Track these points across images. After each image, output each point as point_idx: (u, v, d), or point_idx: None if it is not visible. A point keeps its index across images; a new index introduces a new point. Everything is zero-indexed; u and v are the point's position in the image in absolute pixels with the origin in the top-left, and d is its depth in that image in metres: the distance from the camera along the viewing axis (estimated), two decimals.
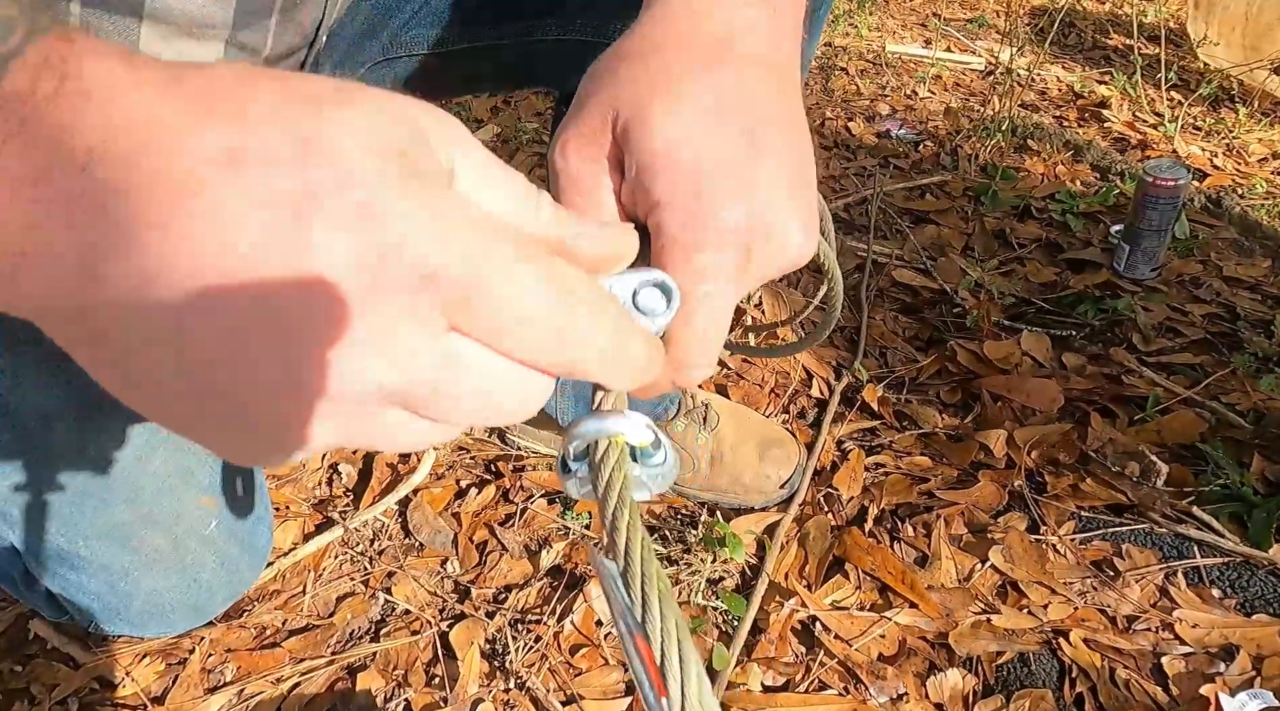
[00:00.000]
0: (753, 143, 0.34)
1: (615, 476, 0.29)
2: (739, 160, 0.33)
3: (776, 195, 0.34)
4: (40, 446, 0.59)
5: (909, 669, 0.86)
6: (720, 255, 0.33)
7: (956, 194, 1.58)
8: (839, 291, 0.48)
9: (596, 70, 0.36)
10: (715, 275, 0.33)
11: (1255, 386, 1.14)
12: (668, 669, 0.24)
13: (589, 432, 0.30)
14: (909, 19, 2.43)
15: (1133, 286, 1.33)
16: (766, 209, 0.33)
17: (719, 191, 0.33)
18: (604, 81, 0.35)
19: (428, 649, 0.89)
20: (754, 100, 0.35)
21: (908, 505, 1.02)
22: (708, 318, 0.33)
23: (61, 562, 0.65)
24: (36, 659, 0.88)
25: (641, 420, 0.30)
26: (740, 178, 0.33)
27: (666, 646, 0.24)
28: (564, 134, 0.35)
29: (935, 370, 1.20)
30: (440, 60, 0.72)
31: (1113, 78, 2.02)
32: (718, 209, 0.32)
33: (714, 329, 0.33)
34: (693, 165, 0.33)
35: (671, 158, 0.33)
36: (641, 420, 0.30)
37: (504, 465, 1.08)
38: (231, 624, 0.90)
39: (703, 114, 0.34)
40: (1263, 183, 1.60)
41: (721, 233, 0.32)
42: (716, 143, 0.33)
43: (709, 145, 0.33)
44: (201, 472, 0.68)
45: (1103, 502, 1.01)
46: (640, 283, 0.31)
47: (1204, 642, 0.87)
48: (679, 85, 0.34)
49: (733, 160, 0.33)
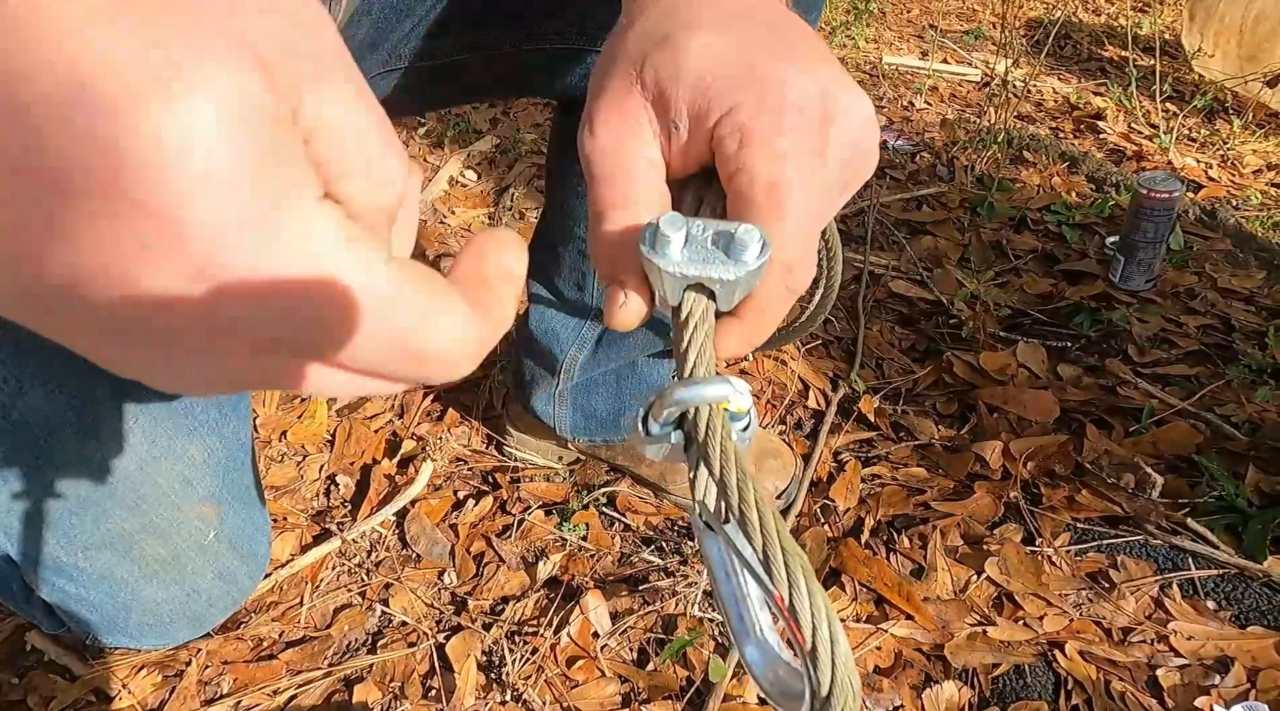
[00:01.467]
0: (784, 35, 0.34)
1: (728, 444, 0.28)
2: (781, 48, 0.33)
3: (830, 70, 0.33)
4: (43, 455, 0.59)
5: (905, 681, 0.86)
6: (799, 135, 0.32)
7: (953, 205, 1.58)
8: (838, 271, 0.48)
9: (604, 56, 0.36)
10: (800, 155, 0.32)
11: (1250, 398, 1.14)
12: (805, 621, 0.24)
13: (690, 398, 0.29)
14: (905, 31, 2.45)
15: (1128, 298, 1.34)
16: (829, 82, 0.33)
17: (778, 75, 0.32)
18: (615, 53, 0.35)
19: (425, 661, 0.89)
20: (764, 6, 0.35)
21: (904, 516, 1.02)
22: (803, 203, 0.32)
23: (60, 573, 0.65)
24: (34, 671, 0.88)
25: (744, 386, 0.30)
26: (791, 59, 0.33)
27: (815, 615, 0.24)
28: (588, 113, 0.34)
29: (931, 381, 1.21)
30: (440, 71, 0.72)
31: (1108, 89, 2.03)
32: (783, 90, 0.32)
33: (811, 214, 0.32)
34: (743, 62, 0.32)
35: (720, 64, 0.32)
36: (744, 386, 0.30)
37: (501, 476, 1.08)
38: (229, 635, 0.90)
39: (729, 22, 0.33)
40: (1257, 194, 1.61)
41: (794, 109, 0.32)
42: (753, 39, 0.33)
43: (748, 41, 0.33)
44: (202, 482, 0.68)
45: (1098, 514, 1.01)
46: (724, 232, 0.30)
47: (1199, 654, 0.87)
48: (692, 12, 0.34)
49: (776, 48, 0.33)
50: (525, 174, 1.66)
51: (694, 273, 0.30)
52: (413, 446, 1.12)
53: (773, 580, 0.25)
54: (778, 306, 0.34)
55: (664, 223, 0.30)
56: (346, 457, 1.11)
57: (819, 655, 0.24)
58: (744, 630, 0.29)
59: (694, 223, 0.30)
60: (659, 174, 0.34)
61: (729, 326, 0.34)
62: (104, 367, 0.21)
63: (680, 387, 0.29)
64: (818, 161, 0.32)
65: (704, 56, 0.33)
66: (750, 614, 0.29)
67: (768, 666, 0.29)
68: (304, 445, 1.12)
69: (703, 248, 0.31)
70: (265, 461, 1.10)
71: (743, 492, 0.27)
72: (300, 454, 1.11)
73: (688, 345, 0.31)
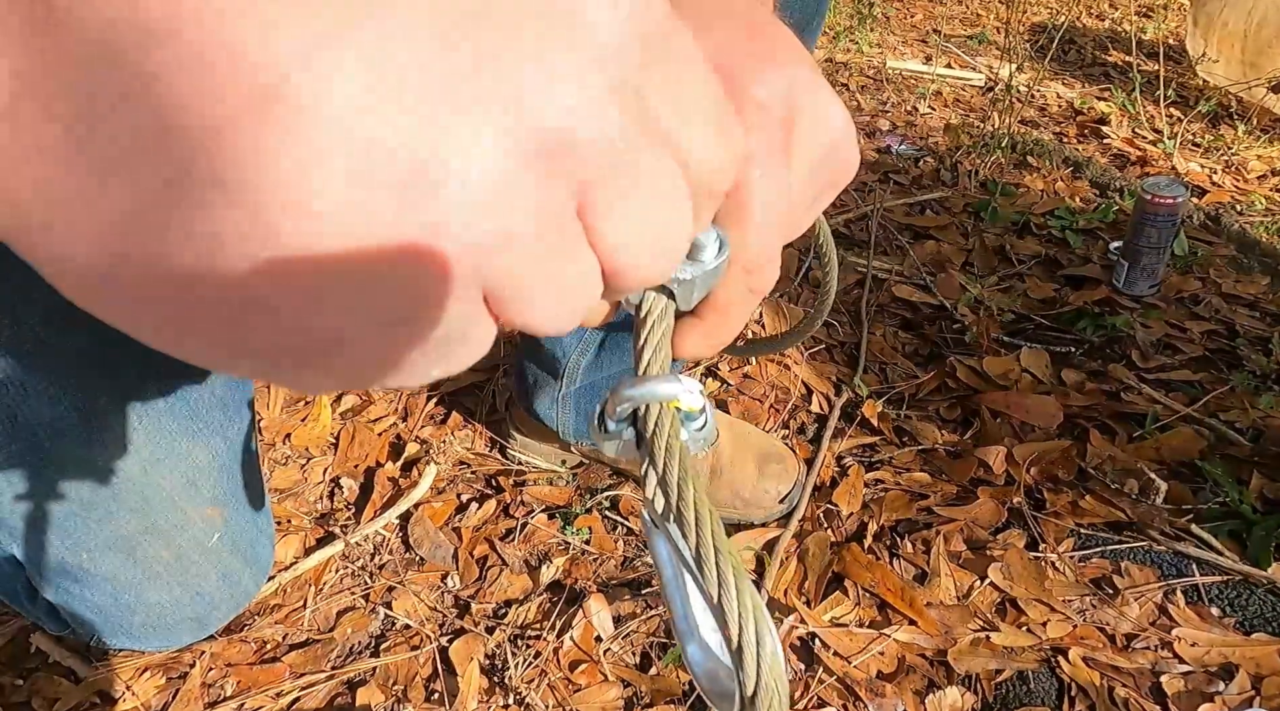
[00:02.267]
0: (761, 32, 0.34)
1: (673, 443, 0.28)
2: (756, 49, 0.33)
3: (801, 72, 0.33)
4: (48, 458, 0.59)
5: (908, 686, 0.86)
6: (761, 133, 0.31)
7: (956, 210, 1.58)
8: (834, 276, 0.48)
9: None
10: (762, 155, 0.31)
11: (1254, 404, 1.14)
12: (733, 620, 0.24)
13: (640, 395, 0.29)
14: (910, 35, 2.45)
15: (1132, 303, 1.34)
16: (795, 83, 0.32)
17: (744, 74, 0.32)
18: None
19: (427, 664, 0.89)
20: (741, 7, 0.35)
21: (907, 521, 1.02)
22: (764, 203, 0.31)
23: (65, 575, 0.66)
24: (37, 672, 0.88)
25: (695, 385, 0.30)
26: (760, 58, 0.32)
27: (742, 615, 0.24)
28: None
29: (935, 386, 1.21)
30: None
31: (1112, 94, 2.03)
32: (745, 86, 0.32)
33: (772, 215, 0.32)
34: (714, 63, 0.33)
35: None
36: (695, 385, 0.30)
37: (505, 480, 1.08)
38: (232, 638, 0.90)
39: (707, 22, 0.33)
40: (1261, 199, 1.61)
41: (758, 109, 0.32)
42: (729, 41, 0.33)
43: (723, 43, 0.33)
44: (206, 484, 0.68)
45: (1102, 520, 1.01)
46: None
47: (1203, 661, 0.87)
48: None
49: (751, 50, 0.33)
50: None
51: None
52: (416, 449, 1.12)
53: (704, 579, 0.25)
54: (739, 307, 0.34)
55: None
56: (350, 460, 1.11)
57: (744, 655, 0.24)
58: (687, 629, 0.29)
59: None
60: None
61: (691, 326, 0.34)
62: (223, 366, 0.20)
63: (632, 385, 0.29)
64: (781, 163, 0.32)
65: None
66: (693, 614, 0.29)
67: (706, 666, 0.29)
68: (308, 448, 1.13)
69: None
70: (269, 464, 1.10)
71: (682, 490, 0.27)
72: (304, 456, 1.12)
73: (644, 343, 0.31)
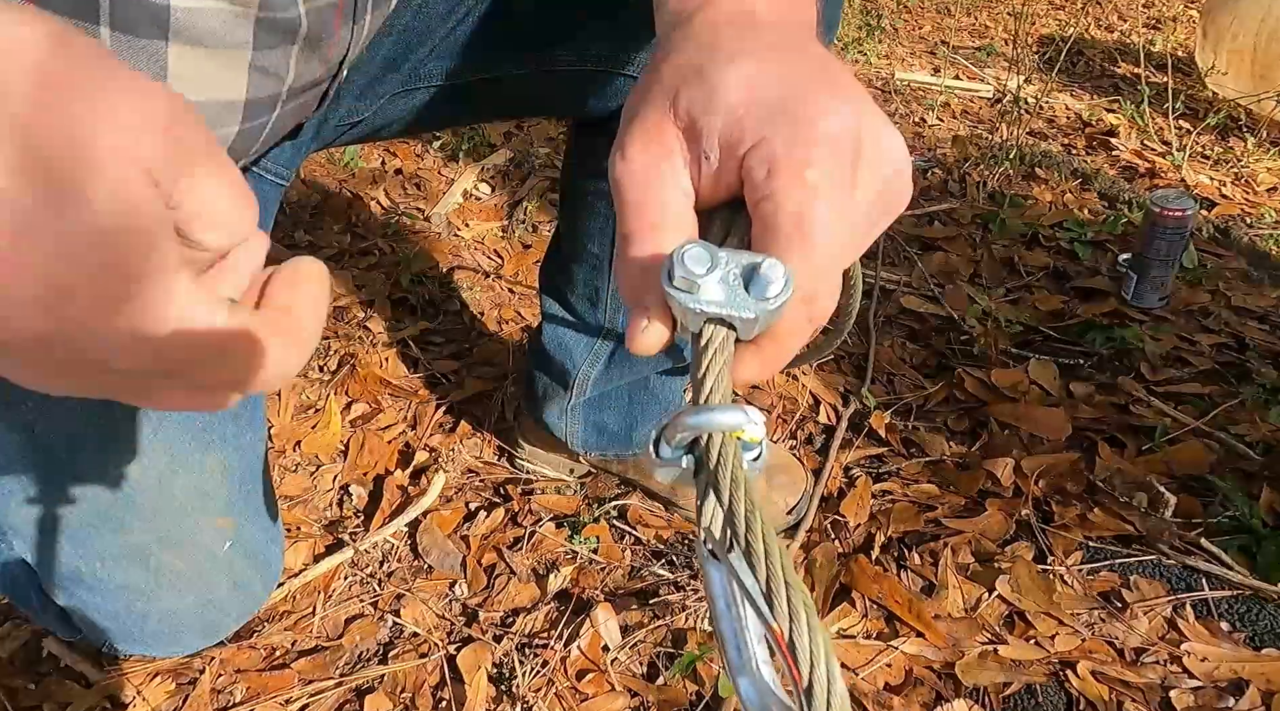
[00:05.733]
0: (822, 68, 0.34)
1: (738, 473, 0.28)
2: (817, 80, 0.34)
3: (865, 105, 0.34)
4: (64, 469, 0.60)
5: (915, 699, 0.86)
6: (830, 167, 0.32)
7: (965, 221, 1.59)
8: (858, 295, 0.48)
9: (639, 86, 0.37)
10: (829, 188, 0.32)
11: (1264, 417, 1.14)
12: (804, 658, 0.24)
13: (702, 424, 0.29)
14: (918, 47, 2.46)
15: (1141, 315, 1.33)
16: (861, 116, 0.33)
17: (811, 106, 0.33)
18: (650, 84, 0.36)
19: (435, 672, 0.89)
20: (798, 41, 0.36)
21: (915, 533, 1.02)
22: (829, 236, 0.32)
23: (78, 582, 0.66)
24: (49, 677, 0.89)
25: (759, 416, 0.30)
26: (826, 92, 0.33)
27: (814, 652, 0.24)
28: (621, 140, 0.35)
29: (943, 397, 1.21)
30: (458, 90, 0.73)
31: (1121, 106, 2.03)
32: (816, 120, 0.32)
33: (837, 247, 0.33)
34: (778, 95, 0.33)
35: (754, 96, 0.33)
36: (759, 416, 0.30)
37: (513, 488, 1.08)
38: (241, 644, 0.91)
39: (764, 53, 0.34)
40: (1271, 212, 1.61)
41: (826, 142, 0.32)
42: (790, 73, 0.34)
43: (786, 75, 0.33)
44: (218, 494, 0.69)
45: (1111, 533, 1.01)
46: (749, 265, 0.30)
47: (1213, 676, 0.86)
48: (728, 45, 0.35)
49: (812, 82, 0.34)
50: (539, 188, 1.68)
51: (715, 311, 0.31)
52: (425, 458, 1.12)
53: (774, 614, 0.25)
54: (797, 337, 0.34)
55: (688, 255, 0.30)
56: (359, 468, 1.12)
57: (815, 693, 0.24)
58: (740, 663, 0.29)
59: (719, 254, 0.30)
60: (688, 202, 0.35)
61: (746, 353, 0.34)
62: None
63: (694, 413, 0.29)
64: (847, 195, 0.32)
65: (739, 89, 0.33)
66: (748, 647, 0.29)
67: (761, 701, 0.28)
68: (317, 455, 1.13)
69: (725, 282, 0.31)
70: (279, 471, 1.10)
71: (750, 523, 0.26)
72: (314, 464, 1.12)
73: (705, 372, 0.31)
